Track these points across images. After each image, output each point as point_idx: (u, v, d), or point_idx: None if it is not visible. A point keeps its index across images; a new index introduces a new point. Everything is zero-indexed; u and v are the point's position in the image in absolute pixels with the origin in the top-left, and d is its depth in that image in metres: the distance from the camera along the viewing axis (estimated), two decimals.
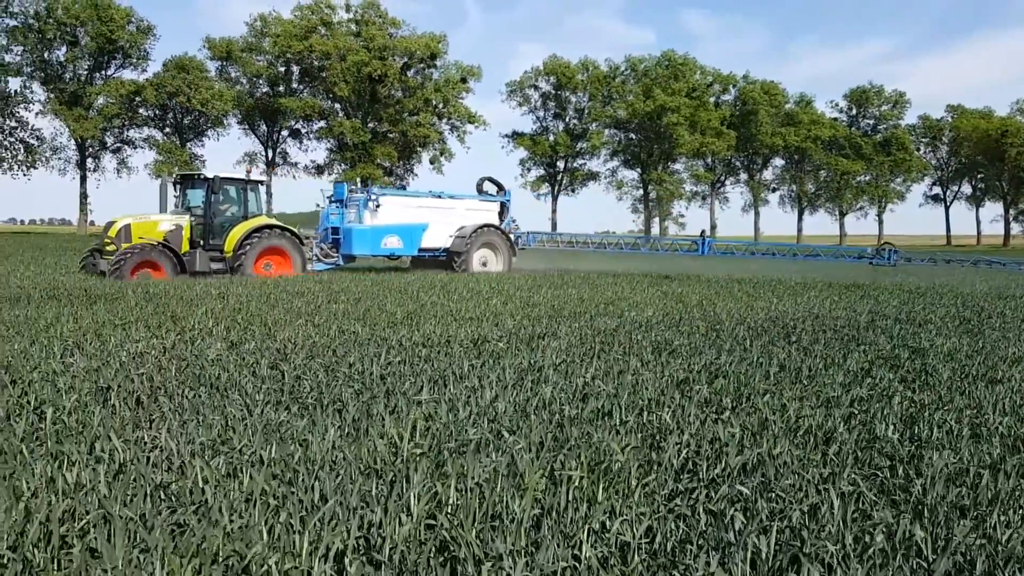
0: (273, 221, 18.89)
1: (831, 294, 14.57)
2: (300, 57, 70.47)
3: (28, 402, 4.73)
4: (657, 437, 4.37)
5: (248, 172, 18.93)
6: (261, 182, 19.64)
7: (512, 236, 23.52)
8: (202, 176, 18.28)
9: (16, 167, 65.38)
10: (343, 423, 4.51)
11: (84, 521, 2.93)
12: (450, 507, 3.24)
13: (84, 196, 69.93)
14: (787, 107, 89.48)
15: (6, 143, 64.61)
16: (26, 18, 63.36)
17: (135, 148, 71.74)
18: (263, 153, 75.86)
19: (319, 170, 76.09)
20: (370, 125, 72.89)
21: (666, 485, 3.62)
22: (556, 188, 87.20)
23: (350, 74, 68.56)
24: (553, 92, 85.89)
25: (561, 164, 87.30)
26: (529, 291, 13.82)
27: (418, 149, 75.21)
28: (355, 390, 5.36)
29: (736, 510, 3.26)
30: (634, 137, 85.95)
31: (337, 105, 73.88)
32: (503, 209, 24.10)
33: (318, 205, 22.35)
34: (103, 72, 69.00)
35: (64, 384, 5.19)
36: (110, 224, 17.57)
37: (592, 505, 3.31)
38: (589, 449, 4.03)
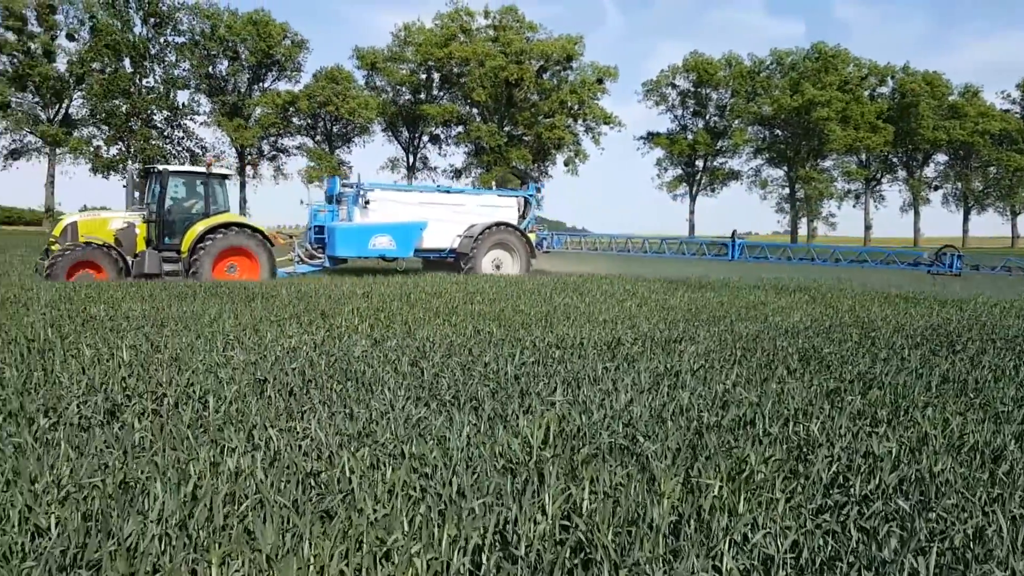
0: (238, 219, 17.19)
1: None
2: (440, 64, 72.67)
3: (194, 391, 5.12)
4: (804, 449, 4.16)
5: (209, 165, 17.23)
6: (226, 176, 17.62)
7: (536, 236, 21.42)
8: (155, 169, 16.83)
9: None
10: (479, 421, 4.58)
11: (243, 506, 3.13)
12: (584, 509, 3.22)
13: (243, 201, 75.26)
14: (951, 99, 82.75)
15: (174, 151, 70.53)
16: (193, 35, 68.99)
17: (289, 155, 76.42)
18: (405, 158, 78.70)
19: (457, 174, 78.10)
20: (506, 129, 74.09)
21: (814, 499, 3.43)
22: (694, 188, 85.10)
23: (487, 79, 69.97)
24: (692, 89, 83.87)
25: (700, 163, 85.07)
26: (664, 294, 13.56)
27: (552, 151, 75.65)
28: (490, 389, 5.43)
29: (892, 528, 3.04)
30: (780, 134, 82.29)
31: (475, 110, 75.60)
32: (526, 205, 21.85)
33: (303, 202, 20.59)
34: (261, 84, 73.95)
35: (225, 376, 5.58)
36: (58, 223, 16.53)
37: (733, 516, 3.19)
38: (729, 458, 3.89)
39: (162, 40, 68.48)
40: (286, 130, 74.19)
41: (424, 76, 75.86)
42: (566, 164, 76.78)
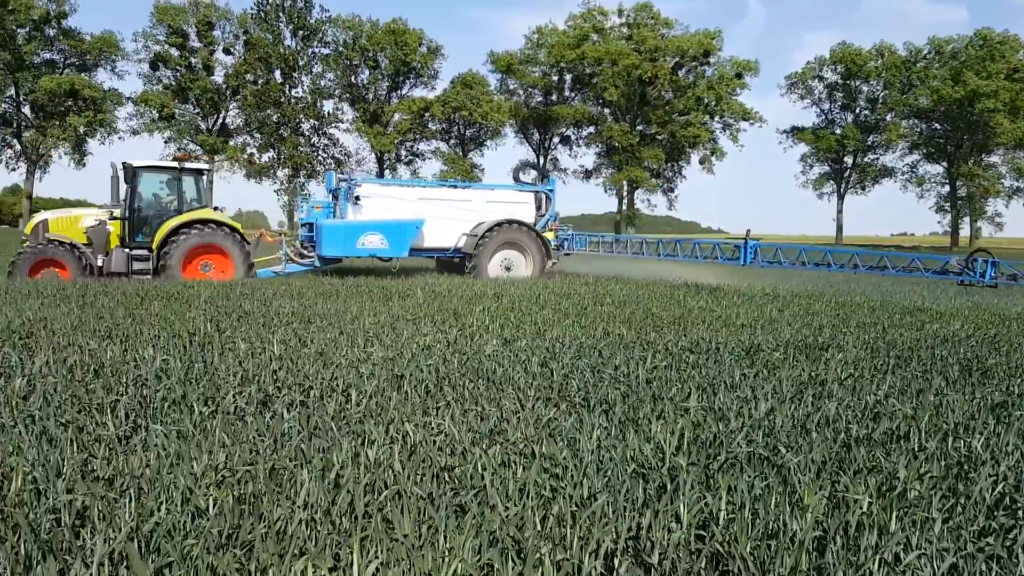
0: (212, 215, 16.36)
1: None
2: (572, 65, 72.80)
3: (337, 385, 5.36)
4: (965, 467, 3.83)
5: (180, 160, 16.75)
6: (200, 171, 16.99)
7: (555, 235, 19.74)
8: (126, 165, 16.18)
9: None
10: (609, 424, 4.53)
11: (382, 496, 3.24)
12: (722, 519, 3.11)
13: None
14: None
15: (320, 157, 74.42)
16: (337, 47, 72.60)
17: (424, 160, 78.90)
18: (535, 160, 79.43)
19: (587, 175, 77.96)
20: (638, 128, 73.23)
21: (975, 521, 3.15)
22: (842, 187, 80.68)
23: (620, 78, 69.41)
24: (841, 82, 79.53)
25: (849, 160, 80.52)
26: (808, 299, 12.93)
27: (687, 150, 74.02)
28: (621, 392, 5.36)
29: None
30: (939, 127, 76.46)
31: (606, 110, 75.21)
32: (547, 201, 20.17)
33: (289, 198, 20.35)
34: (399, 92, 76.78)
35: (366, 371, 5.81)
36: (30, 220, 16.28)
37: (884, 534, 2.98)
38: (880, 473, 3.64)
39: (309, 52, 72.49)
40: (422, 135, 76.62)
41: (556, 78, 76.26)
42: (701, 162, 74.97)
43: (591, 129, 76.02)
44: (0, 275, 15.00)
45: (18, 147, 65.09)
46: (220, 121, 71.62)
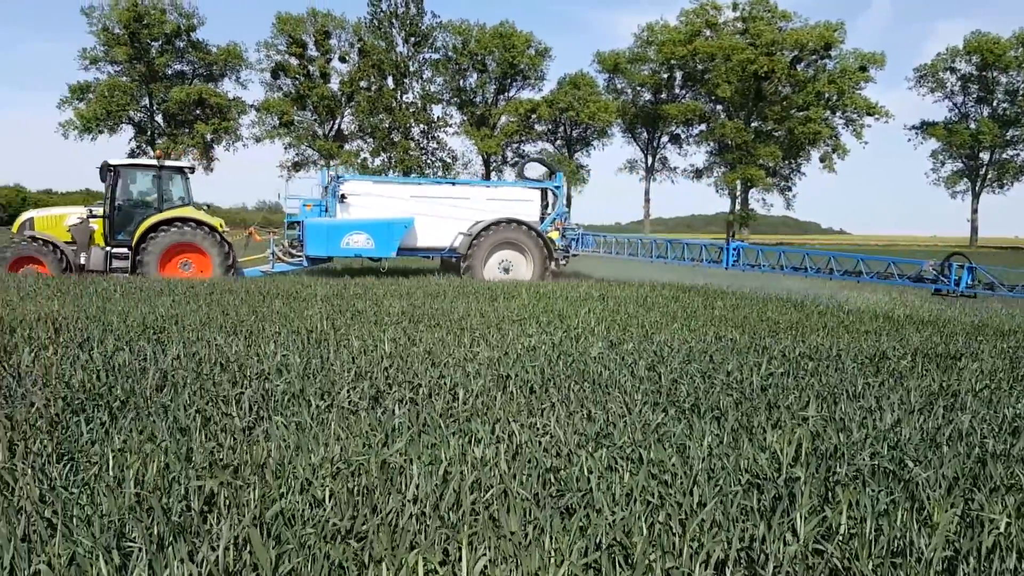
0: (192, 213, 16.19)
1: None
2: (683, 62, 71.45)
3: (445, 383, 5.46)
4: None
5: (159, 157, 16.52)
6: (181, 169, 16.71)
7: (558, 235, 18.69)
8: (107, 164, 16.18)
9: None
10: (721, 431, 4.40)
11: (488, 494, 3.27)
12: (842, 534, 2.96)
13: None
14: None
15: (428, 161, 76.14)
16: (446, 52, 74.10)
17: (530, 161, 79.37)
18: (643, 160, 78.35)
19: (697, 174, 76.28)
20: (753, 124, 71.04)
21: None
22: (978, 184, 75.52)
23: (734, 74, 67.56)
24: (976, 73, 74.49)
25: (985, 156, 75.29)
26: (940, 304, 12.16)
27: (806, 147, 71.19)
28: (734, 399, 5.21)
29: None
30: None
31: (719, 107, 73.37)
32: (553, 198, 19.15)
33: (279, 195, 19.46)
34: (506, 94, 77.53)
35: (472, 370, 5.89)
36: (16, 218, 16.63)
37: (1023, 558, 2.76)
38: (1020, 492, 3.38)
39: (420, 58, 74.34)
40: (528, 137, 77.08)
41: (666, 75, 75.05)
42: (822, 160, 71.94)
43: (702, 127, 74.37)
44: None
45: (152, 154, 69.90)
46: (336, 127, 74.48)
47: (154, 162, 16.38)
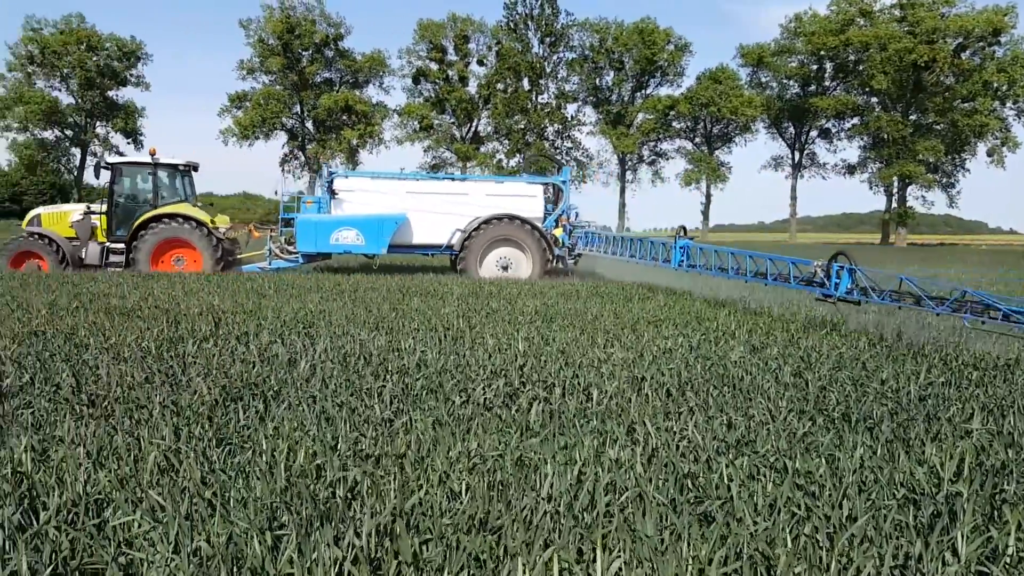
0: (185, 210, 16.50)
1: None
2: (834, 52, 67.88)
3: (578, 383, 5.44)
4: None
5: (152, 154, 16.77)
6: (175, 166, 17.08)
7: (561, 232, 17.69)
8: (106, 163, 16.76)
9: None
10: (874, 442, 4.13)
11: (623, 497, 3.22)
12: (1009, 556, 2.70)
13: (623, 206, 78.68)
14: None
15: (563, 161, 76.30)
16: (583, 51, 74.00)
17: (667, 159, 77.89)
18: (789, 156, 75.07)
19: (850, 170, 72.26)
20: (911, 117, 66.44)
21: None
22: None
23: (890, 64, 63.51)
24: None
25: None
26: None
27: (972, 140, 65.81)
28: (888, 409, 4.87)
29: None
30: None
31: (873, 99, 69.16)
32: (558, 195, 18.33)
33: (276, 192, 18.62)
34: (643, 91, 76.51)
35: (606, 371, 5.83)
36: (27, 215, 17.24)
37: None
38: None
39: (555, 58, 74.71)
40: (665, 134, 75.73)
41: (815, 67, 71.56)
42: (990, 154, 66.40)
43: (855, 120, 70.35)
44: None
45: (302, 158, 74.04)
46: (472, 129, 76.20)
47: (149, 160, 16.77)
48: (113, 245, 16.46)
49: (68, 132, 71.83)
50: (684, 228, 13.45)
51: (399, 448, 3.84)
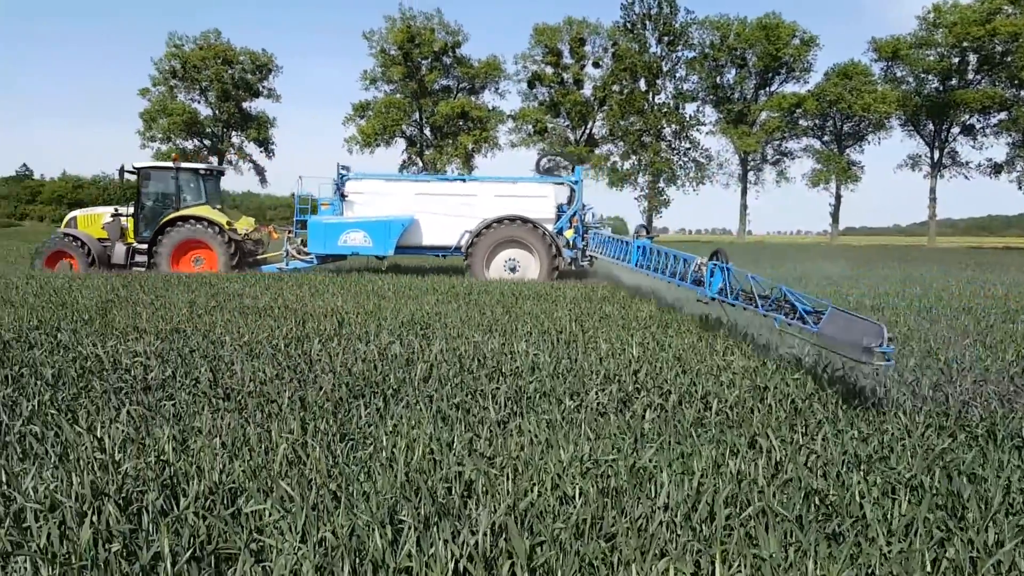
0: (202, 212, 17.10)
1: None
2: (979, 44, 63.28)
3: (696, 391, 5.29)
4: None
5: (175, 159, 17.63)
6: (197, 170, 17.83)
7: (570, 234, 17.17)
8: (133, 167, 17.57)
9: (687, 183, 75.25)
10: (1023, 462, 3.80)
11: (746, 512, 3.10)
12: None
13: (744, 207, 76.22)
14: None
15: (680, 163, 74.77)
16: (703, 49, 72.23)
17: (793, 159, 74.86)
18: (928, 154, 70.57)
19: (996, 169, 67.17)
20: None
21: None
22: None
23: None
24: None
25: None
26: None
27: None
28: None
29: None
30: None
31: (1023, 92, 63.97)
32: (570, 195, 17.90)
33: (293, 193, 18.47)
34: (767, 89, 73.85)
35: (726, 379, 5.65)
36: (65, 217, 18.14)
37: None
38: None
39: (674, 57, 73.34)
40: (791, 133, 72.86)
41: (957, 60, 66.94)
42: None
43: (1002, 116, 65.25)
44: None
45: (420, 164, 75.99)
46: (587, 132, 75.89)
47: (171, 165, 17.67)
48: (138, 246, 17.44)
49: (206, 142, 76.71)
50: (645, 228, 13.48)
51: (512, 450, 3.86)
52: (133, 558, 2.65)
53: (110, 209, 18.16)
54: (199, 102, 76.34)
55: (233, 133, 78.14)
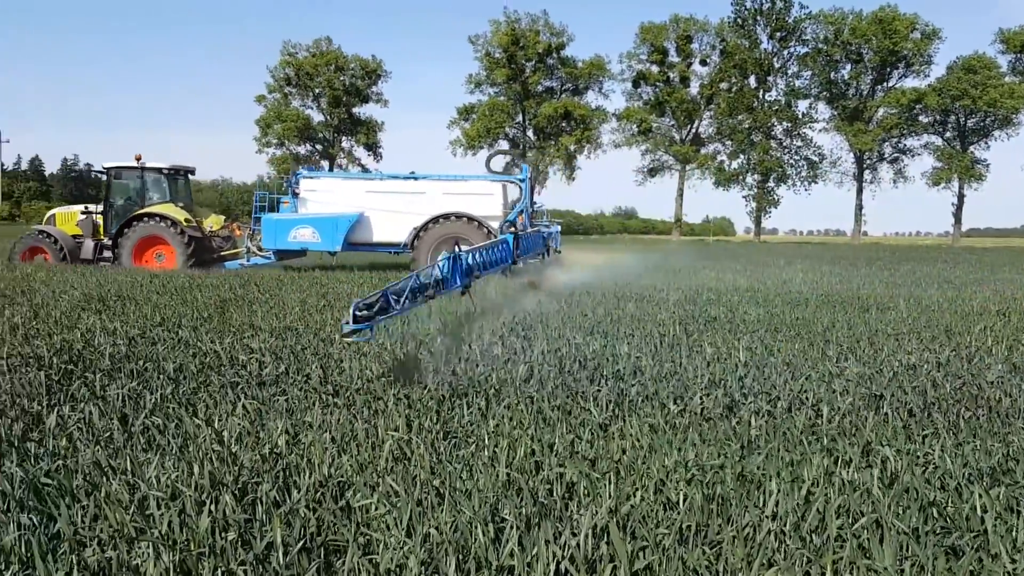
0: (165, 210, 17.65)
1: None
2: None
3: (806, 398, 5.11)
4: None
5: (138, 159, 18.03)
6: (162, 170, 18.37)
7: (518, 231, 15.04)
8: (103, 168, 18.30)
9: (799, 183, 72.57)
10: None
11: (859, 523, 2.98)
12: None
13: (859, 207, 72.87)
14: None
15: (791, 161, 72.19)
16: (816, 44, 69.49)
17: (912, 157, 71.08)
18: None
19: None
20: None
21: None
22: None
23: None
24: None
25: None
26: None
27: None
28: None
29: None
30: None
31: None
32: (520, 192, 17.93)
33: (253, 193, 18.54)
34: (884, 84, 70.38)
35: (838, 386, 5.43)
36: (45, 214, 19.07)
37: None
38: None
39: (785, 53, 70.95)
40: (910, 129, 69.18)
41: None
42: None
43: None
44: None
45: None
46: (693, 131, 74.45)
47: (136, 165, 18.28)
48: (107, 242, 18.26)
49: (318, 147, 79.81)
50: (511, 223, 13.82)
51: (614, 453, 3.84)
52: (248, 547, 2.79)
53: (82, 207, 19.30)
54: (312, 108, 79.45)
55: (343, 138, 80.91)
